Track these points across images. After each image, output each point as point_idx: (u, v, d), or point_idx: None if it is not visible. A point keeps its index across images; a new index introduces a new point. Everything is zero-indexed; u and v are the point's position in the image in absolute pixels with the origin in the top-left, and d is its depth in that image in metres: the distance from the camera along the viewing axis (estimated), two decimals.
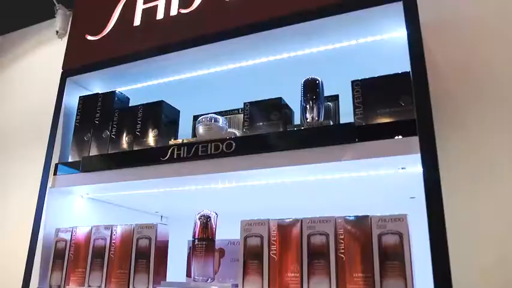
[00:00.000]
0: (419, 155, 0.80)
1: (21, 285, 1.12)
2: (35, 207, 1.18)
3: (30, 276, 1.12)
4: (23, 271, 1.13)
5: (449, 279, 0.73)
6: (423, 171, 0.79)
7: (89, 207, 1.30)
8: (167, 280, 1.00)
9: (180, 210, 1.42)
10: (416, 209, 0.86)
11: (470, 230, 1.01)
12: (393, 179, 0.97)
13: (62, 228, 1.16)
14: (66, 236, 1.14)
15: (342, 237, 0.83)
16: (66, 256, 1.12)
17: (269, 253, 0.87)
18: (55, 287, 1.11)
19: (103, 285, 1.04)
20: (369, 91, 0.94)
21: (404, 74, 0.91)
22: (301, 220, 0.87)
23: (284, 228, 0.88)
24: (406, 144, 0.82)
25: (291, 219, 0.88)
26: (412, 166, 0.88)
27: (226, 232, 1.08)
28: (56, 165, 1.21)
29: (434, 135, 0.81)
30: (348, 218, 0.84)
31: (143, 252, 1.01)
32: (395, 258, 0.79)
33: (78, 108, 1.28)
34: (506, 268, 0.94)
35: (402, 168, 0.90)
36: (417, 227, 0.84)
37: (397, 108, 0.90)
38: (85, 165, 1.14)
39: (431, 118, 0.82)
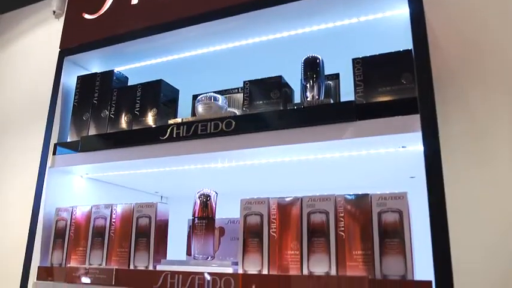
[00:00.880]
0: (420, 133, 0.80)
1: (22, 263, 1.13)
2: (35, 187, 1.18)
3: (32, 254, 1.13)
4: (25, 250, 1.14)
5: (449, 258, 0.73)
6: (424, 149, 0.78)
7: (89, 187, 1.30)
8: (167, 258, 1.01)
9: (180, 190, 1.42)
10: (416, 188, 0.86)
11: (470, 209, 1.01)
12: (393, 158, 0.96)
13: (62, 208, 1.16)
14: (66, 215, 1.14)
15: (342, 215, 0.83)
16: (66, 235, 1.13)
17: (269, 231, 0.88)
18: (56, 265, 1.12)
19: (104, 264, 1.04)
20: (370, 69, 0.93)
21: (406, 52, 0.90)
22: (301, 198, 0.87)
23: (284, 207, 0.88)
24: (407, 123, 0.82)
25: (290, 198, 0.88)
26: (413, 145, 0.87)
27: (226, 211, 1.08)
28: (55, 145, 1.21)
29: (436, 113, 0.80)
30: (348, 196, 0.84)
31: (143, 231, 1.01)
32: (395, 236, 0.79)
33: (76, 88, 1.27)
34: (507, 247, 0.95)
35: (403, 146, 0.90)
36: (417, 207, 0.84)
37: (399, 86, 0.89)
38: (84, 145, 1.14)
39: (433, 96, 0.81)
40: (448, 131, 1.09)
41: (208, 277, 0.87)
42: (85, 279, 1.01)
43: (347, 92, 0.99)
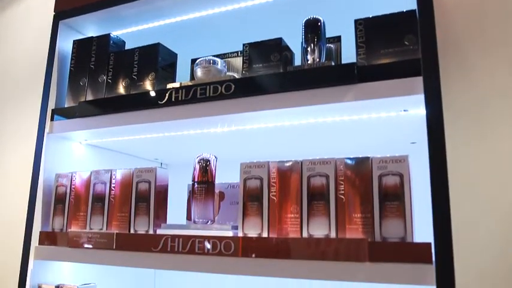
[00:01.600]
0: (422, 95, 0.78)
1: (24, 229, 1.14)
2: (34, 153, 1.18)
3: (33, 220, 1.13)
4: (25, 216, 1.14)
5: (449, 221, 0.73)
6: (426, 112, 0.77)
7: (88, 153, 1.29)
8: (167, 223, 1.01)
9: (180, 157, 1.41)
10: (416, 154, 0.86)
11: (472, 173, 1.01)
12: (395, 122, 0.95)
13: (62, 174, 1.16)
14: (66, 181, 1.14)
15: (342, 178, 0.83)
16: (67, 201, 1.13)
17: (269, 195, 0.87)
18: (58, 231, 1.12)
19: (104, 228, 1.05)
20: (372, 30, 0.90)
21: (410, 13, 0.88)
22: (301, 162, 0.87)
23: (284, 170, 0.88)
24: (409, 85, 0.80)
25: (290, 161, 0.88)
26: (415, 108, 0.86)
27: (226, 177, 1.08)
28: (53, 110, 1.19)
29: (439, 75, 0.79)
30: (348, 159, 0.84)
31: (143, 196, 1.01)
32: (395, 199, 0.79)
33: (72, 53, 1.24)
34: (509, 211, 0.95)
35: (404, 110, 0.88)
36: (416, 173, 0.83)
37: (402, 48, 0.87)
38: (82, 111, 1.13)
39: (437, 58, 0.79)
40: (451, 96, 1.07)
41: (208, 246, 0.87)
42: (86, 244, 1.02)
43: (349, 57, 0.97)
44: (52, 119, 1.18)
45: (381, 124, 0.97)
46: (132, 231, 1.01)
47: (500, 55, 1.05)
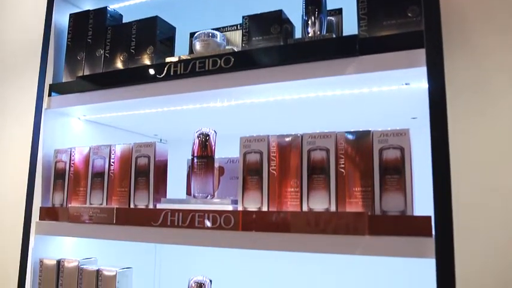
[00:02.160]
0: (425, 68, 0.77)
1: (24, 204, 1.14)
2: (32, 129, 1.17)
3: (33, 196, 1.13)
4: (25, 192, 1.14)
5: (449, 194, 0.73)
6: (429, 85, 0.76)
7: (87, 129, 1.28)
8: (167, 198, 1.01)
9: (180, 133, 1.41)
10: (417, 130, 0.85)
11: (473, 149, 1.00)
12: (396, 96, 0.94)
13: (61, 149, 1.15)
14: (65, 157, 1.14)
15: (343, 152, 0.82)
16: (66, 176, 1.13)
17: (268, 169, 0.87)
18: (58, 206, 1.13)
19: (104, 203, 1.05)
20: (374, 1, 0.88)
21: None
22: (302, 135, 0.86)
23: (284, 144, 0.87)
24: (412, 57, 0.79)
25: (291, 135, 0.87)
26: (417, 81, 0.85)
27: (226, 153, 1.08)
28: (50, 86, 1.18)
29: (442, 48, 0.77)
30: (349, 133, 0.83)
31: (143, 171, 1.01)
32: (395, 172, 0.79)
33: (69, 27, 1.22)
34: (508, 186, 0.95)
35: (406, 84, 0.87)
36: (417, 149, 0.83)
37: (405, 19, 0.85)
38: (79, 85, 1.11)
39: (440, 29, 0.77)
40: (453, 71, 1.06)
41: (208, 220, 0.87)
42: (86, 219, 1.02)
43: (350, 31, 0.95)
44: (50, 95, 1.17)
45: (382, 98, 0.96)
46: (132, 206, 1.02)
47: (506, 32, 1.03)
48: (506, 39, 1.03)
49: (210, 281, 0.99)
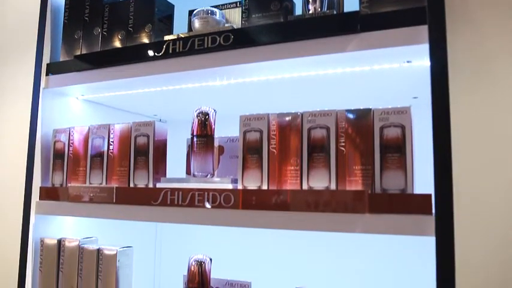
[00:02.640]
0: (427, 45, 0.76)
1: (24, 185, 1.14)
2: (30, 109, 1.16)
3: (32, 176, 1.13)
4: (25, 172, 1.14)
5: (450, 172, 0.73)
6: (431, 63, 0.75)
7: (86, 109, 1.28)
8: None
9: (179, 113, 1.40)
10: (418, 110, 0.84)
11: (475, 129, 0.99)
12: (397, 74, 0.93)
13: (60, 129, 1.15)
14: (64, 137, 1.13)
15: (343, 130, 0.82)
16: (65, 156, 1.12)
17: (268, 147, 0.87)
18: (58, 186, 1.13)
19: (104, 183, 1.05)
20: None
21: None
22: (302, 114, 0.85)
23: (284, 123, 0.86)
24: (414, 33, 0.78)
25: (291, 113, 0.86)
26: (419, 59, 0.84)
27: (226, 133, 1.07)
28: (48, 65, 1.17)
29: (445, 25, 0.76)
30: (349, 111, 0.82)
31: (142, 150, 1.01)
32: (396, 150, 0.78)
33: (65, 4, 1.20)
34: (509, 164, 0.94)
35: (408, 61, 0.86)
36: (417, 130, 0.82)
37: None
38: (77, 64, 1.10)
39: (443, 5, 0.76)
40: (456, 50, 1.04)
41: (207, 201, 0.87)
42: (86, 198, 1.02)
43: (351, 8, 0.93)
44: (47, 74, 1.16)
45: (383, 76, 0.95)
46: (131, 185, 1.01)
47: (511, 9, 1.02)
48: (510, 17, 1.01)
49: (210, 259, 0.99)
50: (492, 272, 0.79)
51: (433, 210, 0.73)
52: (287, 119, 0.86)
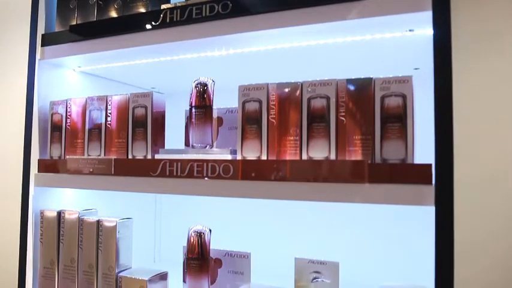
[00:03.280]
0: (430, 12, 0.74)
1: (22, 158, 1.13)
2: (26, 80, 1.14)
3: (30, 148, 1.12)
4: (23, 145, 1.14)
5: (451, 142, 0.72)
6: (434, 30, 0.74)
7: (83, 82, 1.26)
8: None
9: (177, 85, 1.38)
10: (418, 81, 0.83)
11: (477, 100, 0.98)
12: (399, 43, 0.91)
13: (57, 101, 1.13)
14: (61, 109, 1.12)
15: (343, 100, 0.81)
16: (63, 128, 1.11)
17: (268, 117, 0.86)
18: (56, 158, 1.12)
19: (102, 154, 1.04)
20: None
21: None
22: (302, 83, 0.84)
23: (283, 92, 0.85)
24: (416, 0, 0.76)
25: (290, 83, 0.85)
26: (421, 28, 0.82)
27: (224, 105, 1.06)
28: (43, 36, 1.15)
29: None
30: (350, 80, 0.81)
31: (140, 121, 1.00)
32: (397, 120, 0.77)
33: None
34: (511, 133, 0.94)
35: (410, 30, 0.84)
36: (418, 102, 0.81)
37: None
38: (72, 35, 1.08)
39: None
40: (459, 17, 1.02)
41: (206, 170, 0.87)
42: (85, 170, 1.02)
43: None
44: (42, 45, 1.14)
45: (384, 46, 0.93)
46: (130, 157, 1.01)
47: None
48: None
49: (210, 230, 1.00)
50: (492, 242, 0.80)
51: (433, 180, 0.73)
52: (287, 88, 0.85)
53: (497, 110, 0.95)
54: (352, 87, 0.81)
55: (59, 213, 1.09)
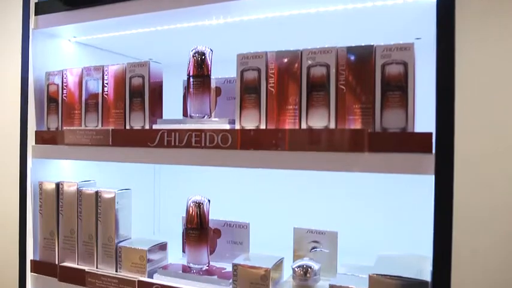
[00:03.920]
0: None
1: (19, 130, 1.12)
2: (20, 51, 1.12)
3: (27, 120, 1.11)
4: (19, 116, 1.12)
5: (452, 114, 0.71)
6: None
7: (79, 52, 1.24)
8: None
9: (175, 56, 1.36)
10: (419, 52, 0.81)
11: (480, 69, 0.96)
12: (401, 10, 0.89)
13: (53, 72, 1.12)
14: (58, 79, 1.10)
15: (344, 68, 0.79)
16: (59, 99, 1.10)
17: (267, 86, 0.84)
18: (53, 129, 1.11)
19: (100, 125, 1.03)
20: None
21: None
22: (301, 51, 0.82)
23: (283, 60, 0.83)
24: None
25: (290, 51, 0.83)
26: None
27: (222, 75, 1.05)
28: (36, 4, 1.12)
29: None
30: (350, 48, 0.79)
31: (137, 91, 0.98)
32: (397, 88, 0.76)
33: None
34: None
35: None
36: (418, 72, 0.80)
37: None
38: (67, 3, 1.05)
39: None
40: None
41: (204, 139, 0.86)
42: (82, 141, 1.01)
43: None
44: (36, 13, 1.11)
45: (386, 14, 0.91)
46: (128, 127, 1.00)
47: None
48: None
49: (209, 200, 1.00)
50: (491, 211, 0.80)
51: (434, 149, 0.72)
52: (286, 57, 0.83)
53: (500, 80, 0.94)
54: (352, 55, 0.79)
55: (58, 185, 1.09)
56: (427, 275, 0.76)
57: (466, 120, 0.86)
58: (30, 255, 1.11)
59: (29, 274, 1.11)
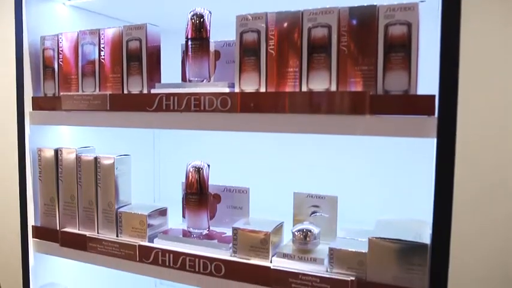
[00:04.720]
0: None
1: (15, 96, 1.11)
2: (14, 15, 1.09)
3: (23, 86, 1.09)
4: (15, 82, 1.11)
5: (456, 76, 0.70)
6: None
7: (75, 17, 1.21)
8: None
9: (174, 21, 1.32)
10: (424, 17, 0.79)
11: (487, 34, 0.94)
12: None
13: (48, 36, 1.09)
14: (53, 44, 1.08)
15: (345, 29, 0.77)
16: (55, 64, 1.08)
17: (266, 48, 0.82)
18: (50, 95, 1.10)
19: (97, 90, 1.02)
20: None
21: None
22: (302, 12, 0.80)
23: (283, 22, 0.81)
24: None
25: (290, 12, 0.81)
26: None
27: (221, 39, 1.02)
28: None
29: None
30: (352, 8, 0.77)
31: (134, 55, 0.96)
32: (401, 49, 0.74)
33: None
34: None
35: None
36: (422, 36, 0.78)
37: None
38: None
39: None
40: None
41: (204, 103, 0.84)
42: (80, 106, 1.00)
43: None
44: None
45: None
46: (125, 92, 0.98)
47: None
48: None
49: (208, 165, 0.99)
50: (492, 175, 0.79)
51: (436, 112, 0.71)
52: (286, 17, 0.81)
53: (505, 43, 0.92)
54: (354, 16, 0.77)
55: (57, 151, 1.08)
56: (426, 239, 0.76)
57: (469, 84, 0.84)
58: (31, 221, 1.12)
59: (30, 240, 1.12)
